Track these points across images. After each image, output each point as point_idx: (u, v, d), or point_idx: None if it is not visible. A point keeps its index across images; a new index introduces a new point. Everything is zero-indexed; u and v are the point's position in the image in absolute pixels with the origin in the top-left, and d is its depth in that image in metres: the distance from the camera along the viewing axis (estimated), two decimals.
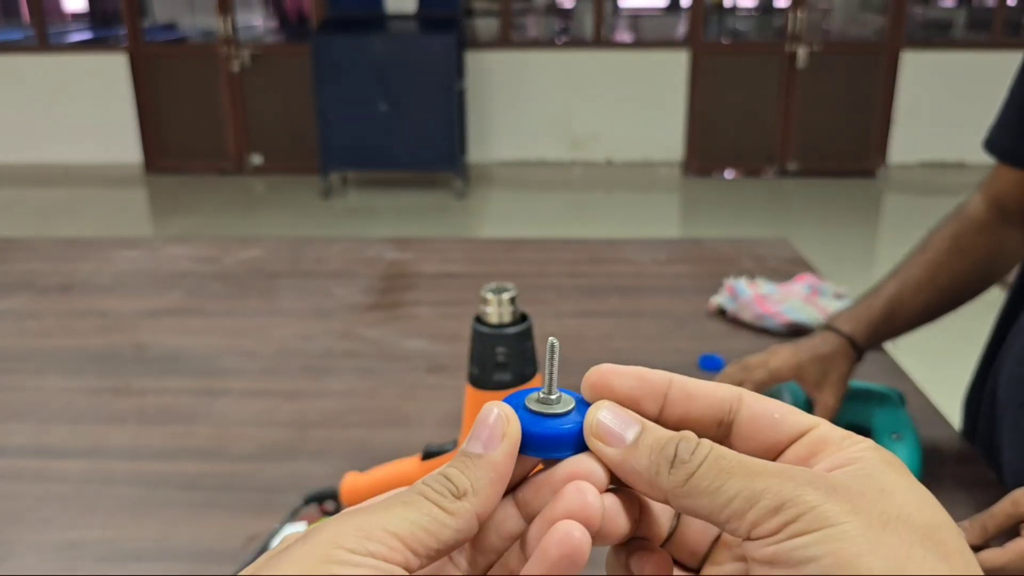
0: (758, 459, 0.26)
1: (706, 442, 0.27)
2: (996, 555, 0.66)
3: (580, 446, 0.28)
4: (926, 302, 0.97)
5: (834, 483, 0.25)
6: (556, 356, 0.28)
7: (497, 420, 0.27)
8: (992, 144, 0.98)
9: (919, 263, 0.98)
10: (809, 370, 0.91)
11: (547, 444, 0.27)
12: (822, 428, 0.28)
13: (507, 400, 0.29)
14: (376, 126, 5.26)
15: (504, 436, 0.27)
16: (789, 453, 0.28)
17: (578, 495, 0.26)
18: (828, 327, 0.95)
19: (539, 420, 0.28)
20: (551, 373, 0.28)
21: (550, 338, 0.28)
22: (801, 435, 0.28)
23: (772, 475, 0.25)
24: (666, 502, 0.27)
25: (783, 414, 0.28)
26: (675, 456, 0.26)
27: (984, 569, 0.67)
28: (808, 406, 0.94)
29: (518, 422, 0.27)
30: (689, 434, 0.27)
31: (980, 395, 1.00)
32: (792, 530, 0.24)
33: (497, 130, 5.87)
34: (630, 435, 0.27)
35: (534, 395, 0.29)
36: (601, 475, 0.28)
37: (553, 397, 0.28)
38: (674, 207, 5.52)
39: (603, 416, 0.28)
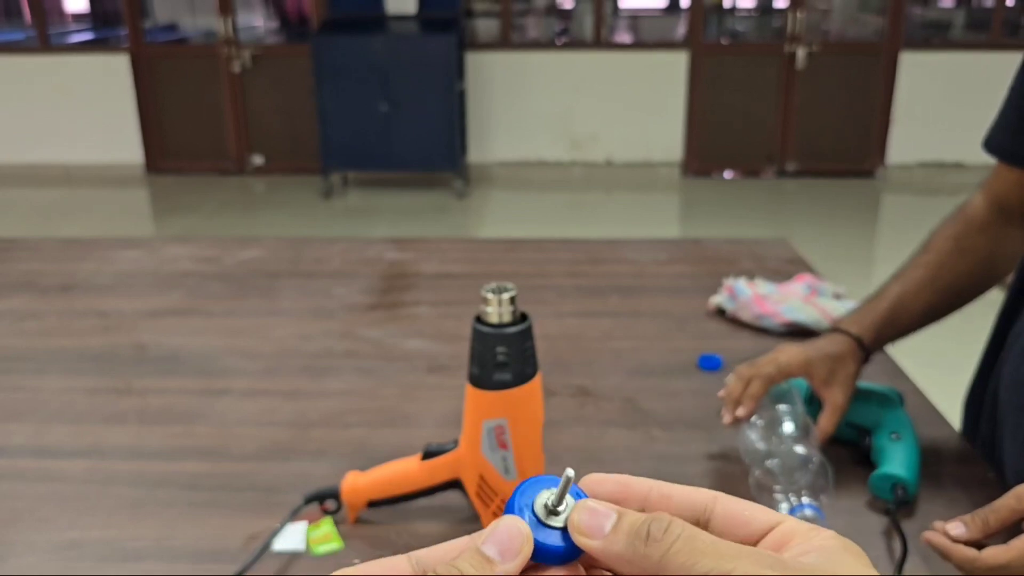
0: (731, 543, 0.29)
1: (678, 522, 0.30)
2: (1000, 552, 0.66)
3: (573, 556, 0.32)
4: (928, 302, 0.97)
5: (797, 567, 0.28)
6: (569, 484, 0.32)
7: (517, 537, 0.31)
8: (992, 144, 0.98)
9: (921, 264, 0.98)
10: (818, 367, 0.91)
11: (547, 556, 0.31)
12: (788, 523, 0.31)
13: (521, 487, 0.32)
14: (376, 126, 5.26)
15: (519, 554, 0.30)
16: (760, 546, 0.31)
17: None
18: (835, 329, 0.96)
19: (544, 532, 0.31)
20: (562, 492, 0.32)
21: (568, 470, 0.31)
22: (770, 530, 0.31)
23: (744, 556, 0.28)
24: None
25: (752, 513, 0.32)
26: (648, 535, 0.30)
27: (988, 567, 0.66)
28: (816, 404, 0.94)
29: (531, 543, 0.31)
30: (661, 514, 0.30)
31: (981, 396, 1.00)
32: None
33: (497, 130, 5.87)
34: (608, 525, 0.31)
35: (543, 498, 0.32)
36: None
37: (560, 508, 0.32)
38: (674, 207, 5.52)
39: (582, 516, 0.31)
